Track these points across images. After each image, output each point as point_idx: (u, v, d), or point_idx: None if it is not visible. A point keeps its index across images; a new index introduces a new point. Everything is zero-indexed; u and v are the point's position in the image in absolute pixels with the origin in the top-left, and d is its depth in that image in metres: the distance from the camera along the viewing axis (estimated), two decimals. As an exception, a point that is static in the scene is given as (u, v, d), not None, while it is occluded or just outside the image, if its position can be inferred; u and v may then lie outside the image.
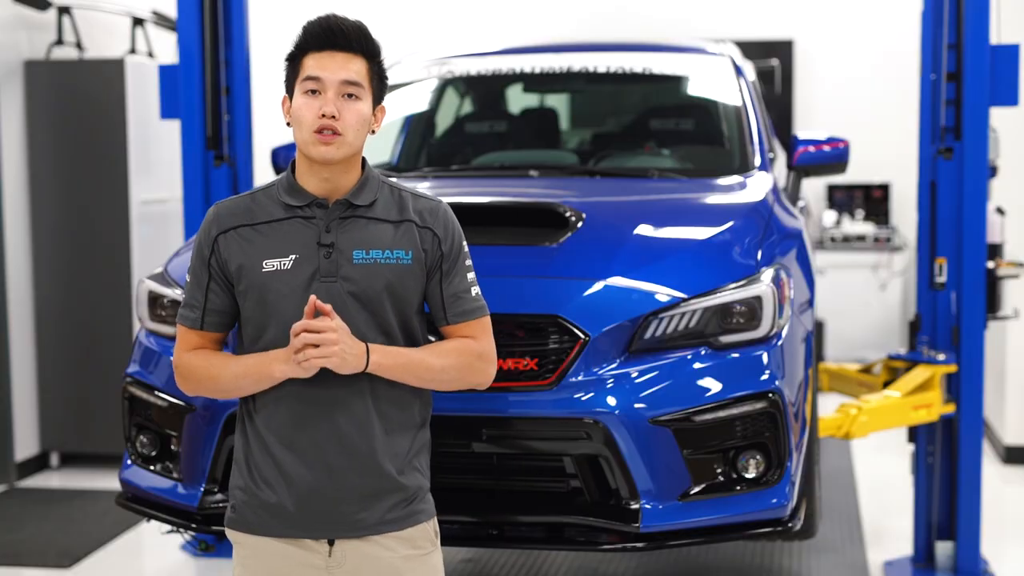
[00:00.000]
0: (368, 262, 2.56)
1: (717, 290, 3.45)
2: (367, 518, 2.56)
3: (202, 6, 4.90)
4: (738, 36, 8.01)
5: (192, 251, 2.64)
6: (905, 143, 6.59)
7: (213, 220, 2.61)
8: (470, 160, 4.87)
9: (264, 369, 2.53)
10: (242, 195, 2.67)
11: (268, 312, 2.55)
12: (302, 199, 2.58)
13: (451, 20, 9.17)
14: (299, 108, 2.55)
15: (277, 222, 2.58)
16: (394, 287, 2.58)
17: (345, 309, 2.52)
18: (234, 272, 2.58)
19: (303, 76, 2.55)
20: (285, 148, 4.98)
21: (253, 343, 2.59)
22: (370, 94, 2.58)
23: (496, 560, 4.86)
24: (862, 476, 6.12)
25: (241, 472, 2.62)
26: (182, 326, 2.64)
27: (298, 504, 2.55)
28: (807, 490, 3.66)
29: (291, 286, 2.54)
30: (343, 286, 2.54)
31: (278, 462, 2.56)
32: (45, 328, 6.30)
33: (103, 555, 5.05)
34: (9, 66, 6.11)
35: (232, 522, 2.64)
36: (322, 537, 2.57)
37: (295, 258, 2.54)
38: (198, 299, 2.61)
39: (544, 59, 5.06)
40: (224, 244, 2.58)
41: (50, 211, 6.26)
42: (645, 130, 5.09)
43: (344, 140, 2.53)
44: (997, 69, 4.49)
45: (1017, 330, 6.31)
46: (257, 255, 2.56)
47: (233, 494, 2.63)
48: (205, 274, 2.60)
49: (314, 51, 2.55)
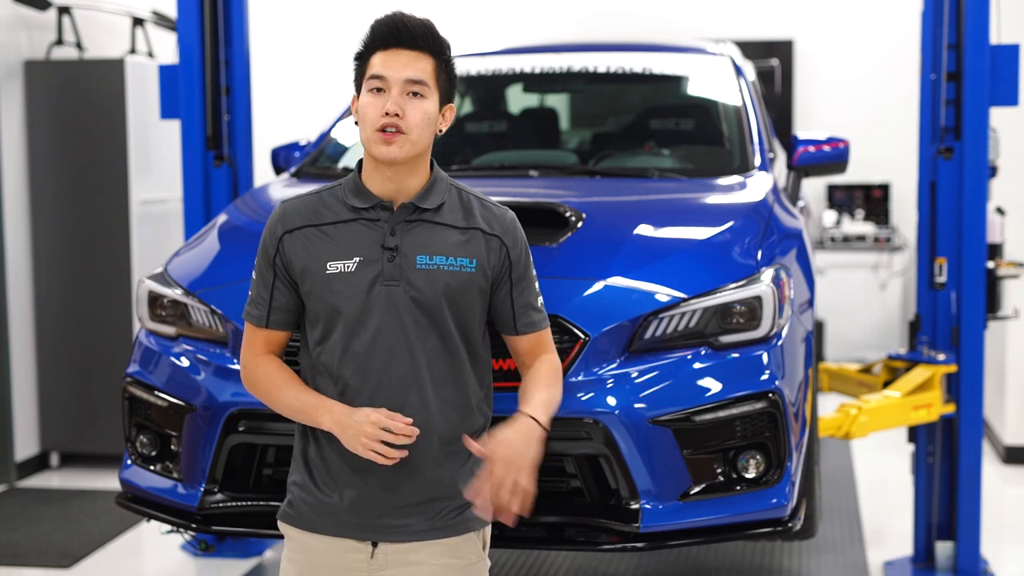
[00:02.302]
0: (431, 268, 2.51)
1: (717, 290, 3.45)
2: (415, 524, 2.54)
3: (202, 6, 4.90)
4: (738, 36, 8.01)
5: (257, 249, 2.61)
6: (905, 143, 6.60)
7: (279, 219, 2.58)
8: (470, 160, 4.87)
9: (316, 415, 2.50)
10: (308, 194, 2.61)
11: (333, 314, 2.52)
12: (367, 200, 2.54)
13: (451, 20, 9.17)
14: (364, 106, 2.52)
15: (343, 223, 2.54)
16: (455, 294, 2.52)
17: (405, 314, 2.50)
18: (298, 273, 2.54)
19: (369, 74, 2.52)
20: (285, 148, 4.98)
21: (318, 344, 2.56)
22: (436, 93, 2.55)
23: (496, 560, 4.86)
24: (862, 476, 6.12)
25: (299, 469, 2.60)
26: (249, 323, 2.61)
27: (351, 506, 2.53)
28: (807, 490, 3.66)
29: (354, 288, 2.50)
30: (406, 290, 2.50)
31: (336, 465, 2.54)
32: (45, 328, 6.30)
33: (103, 555, 5.05)
34: (9, 66, 6.11)
35: (287, 517, 2.62)
36: (369, 539, 2.55)
37: (359, 260, 2.51)
38: (264, 297, 2.58)
39: (544, 59, 5.06)
40: (289, 244, 2.55)
41: (50, 211, 6.26)
42: (645, 130, 5.09)
43: (408, 139, 2.48)
44: (997, 69, 4.49)
45: (1017, 330, 6.31)
46: (321, 256, 2.52)
47: (291, 490, 2.62)
48: (270, 273, 2.57)
49: (381, 49, 2.52)
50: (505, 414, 3.29)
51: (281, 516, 2.64)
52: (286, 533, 2.64)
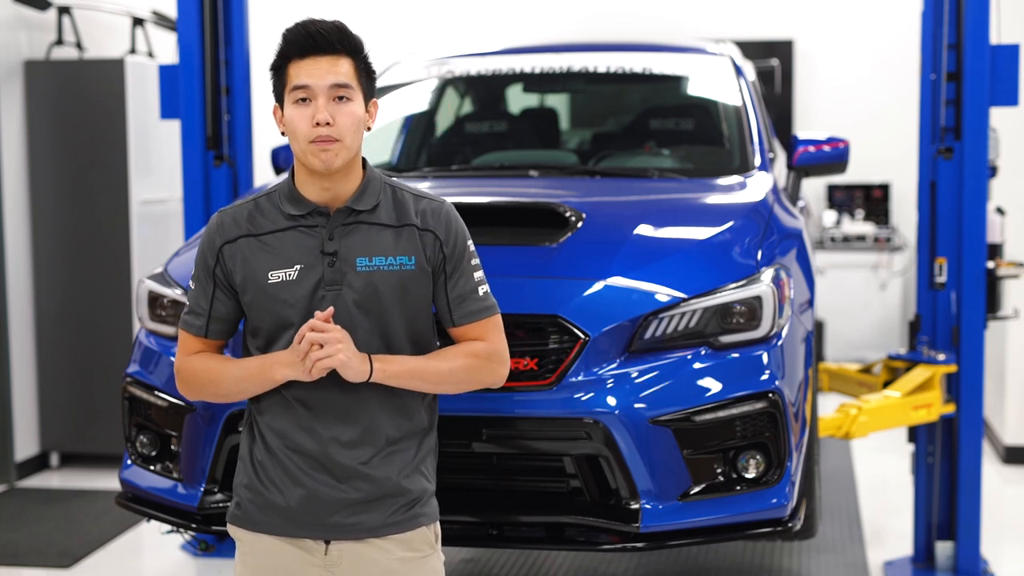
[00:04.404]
0: (371, 269, 2.52)
1: (717, 290, 3.45)
2: (367, 521, 2.55)
3: (202, 6, 4.90)
4: (738, 36, 8.01)
5: (196, 258, 2.60)
6: (905, 143, 6.60)
7: (217, 230, 2.57)
8: (470, 160, 4.87)
9: (266, 372, 2.51)
10: (244, 201, 2.61)
11: (276, 323, 2.52)
12: (303, 208, 2.54)
13: (451, 20, 9.17)
14: (292, 119, 2.50)
15: (281, 232, 2.54)
16: (400, 294, 2.54)
17: (349, 318, 2.50)
18: (240, 283, 2.54)
19: (291, 86, 2.50)
20: (285, 148, 4.98)
21: (262, 353, 2.56)
22: (360, 92, 2.53)
23: (496, 560, 4.86)
24: (862, 476, 6.12)
25: (247, 470, 2.60)
26: (185, 332, 2.61)
27: (300, 505, 2.54)
28: (807, 490, 3.66)
29: (297, 296, 2.50)
30: (347, 294, 2.50)
31: (282, 464, 2.54)
32: (45, 328, 6.30)
33: (103, 555, 5.05)
34: (9, 66, 6.11)
35: (235, 519, 2.63)
36: (320, 538, 2.56)
37: (300, 268, 2.51)
38: (203, 307, 2.58)
39: (544, 59, 5.06)
40: (229, 254, 2.54)
41: (50, 211, 6.26)
42: (645, 130, 5.09)
43: (343, 145, 2.48)
44: (997, 69, 4.49)
45: (1017, 330, 6.31)
46: (262, 266, 2.52)
47: (237, 491, 2.62)
48: (210, 282, 2.57)
49: (297, 58, 2.50)
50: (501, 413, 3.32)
51: (230, 519, 2.64)
52: (236, 536, 2.64)
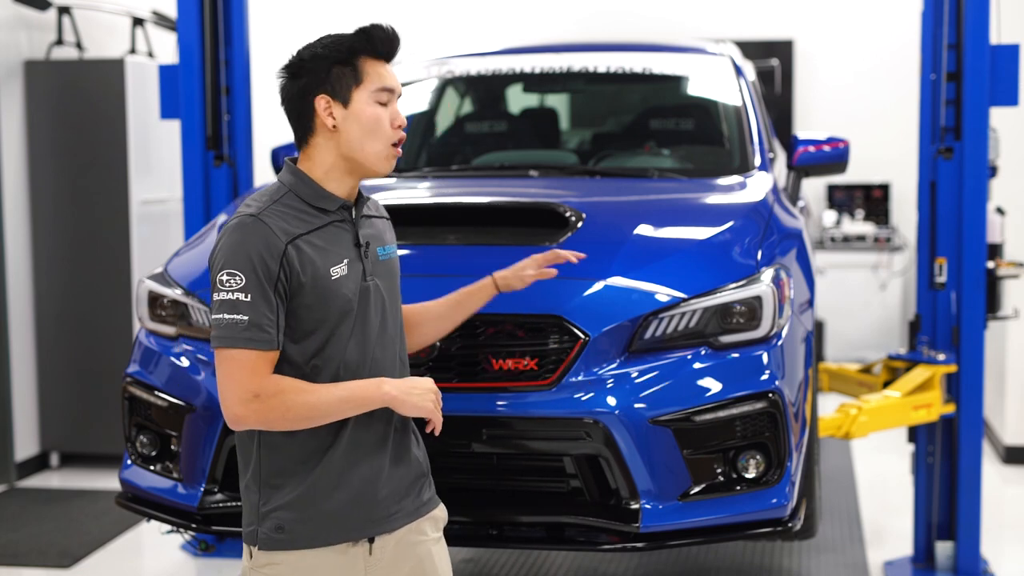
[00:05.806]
0: (387, 257, 2.62)
1: (717, 290, 3.45)
2: (406, 506, 2.56)
3: (202, 6, 4.90)
4: (738, 36, 8.01)
5: (240, 269, 2.38)
6: (905, 143, 6.60)
7: (270, 232, 2.39)
8: (470, 160, 4.87)
9: (372, 392, 2.44)
10: (269, 207, 2.45)
11: (338, 319, 2.46)
12: (333, 203, 2.51)
13: (451, 20, 9.17)
14: (377, 119, 2.50)
15: (320, 229, 2.48)
16: (400, 278, 2.66)
17: (384, 305, 2.56)
18: (306, 284, 2.42)
19: (379, 86, 2.50)
20: (285, 148, 4.98)
21: (313, 356, 2.46)
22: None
23: (496, 560, 4.86)
24: (862, 476, 6.12)
25: (284, 491, 2.47)
26: (251, 351, 2.37)
27: (353, 505, 2.48)
28: (807, 490, 3.66)
29: (352, 289, 2.49)
30: (379, 282, 2.57)
31: (329, 473, 2.47)
32: (45, 328, 6.30)
33: (103, 555, 5.06)
34: (9, 66, 6.11)
35: (276, 543, 2.46)
36: (364, 536, 2.50)
37: (347, 261, 2.50)
38: (270, 317, 2.38)
39: (544, 59, 5.06)
40: (294, 255, 2.41)
41: (50, 211, 6.26)
42: (645, 130, 5.09)
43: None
44: (997, 69, 4.49)
45: (1017, 330, 6.31)
46: (324, 264, 2.46)
47: (275, 516, 2.47)
48: (271, 290, 2.39)
49: (373, 58, 2.51)
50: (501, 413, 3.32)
51: (267, 545, 2.47)
52: (273, 560, 2.48)
